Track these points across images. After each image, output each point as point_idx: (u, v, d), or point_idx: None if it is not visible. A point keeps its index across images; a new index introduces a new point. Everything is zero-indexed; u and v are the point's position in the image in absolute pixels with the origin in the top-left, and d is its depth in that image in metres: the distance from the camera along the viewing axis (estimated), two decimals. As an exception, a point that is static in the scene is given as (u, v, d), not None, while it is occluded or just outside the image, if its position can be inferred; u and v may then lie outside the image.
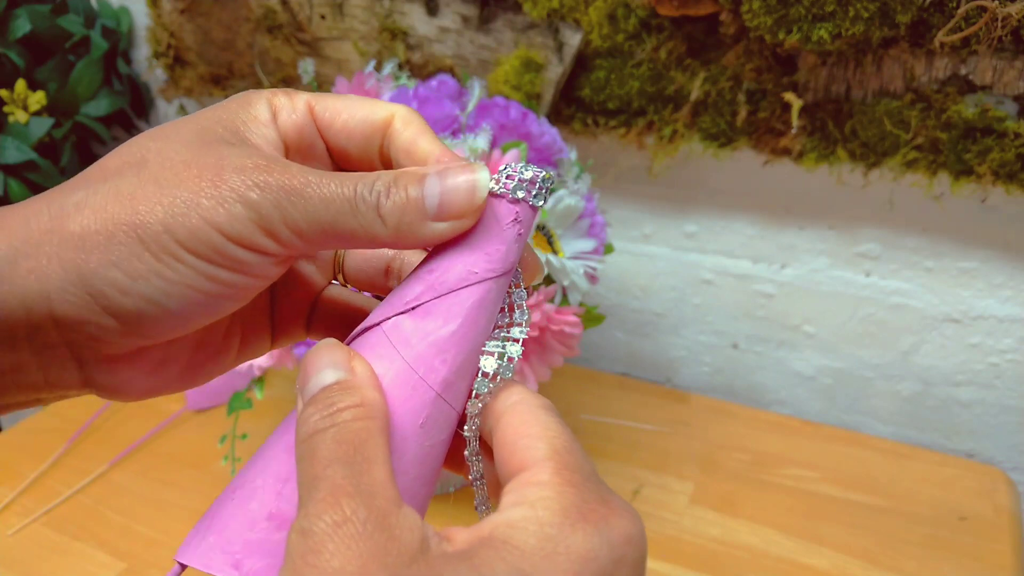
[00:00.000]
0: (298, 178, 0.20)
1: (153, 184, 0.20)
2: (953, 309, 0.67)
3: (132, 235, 0.19)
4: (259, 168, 0.20)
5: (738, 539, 0.58)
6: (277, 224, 0.20)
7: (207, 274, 0.20)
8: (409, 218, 0.21)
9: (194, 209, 0.19)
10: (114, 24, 0.92)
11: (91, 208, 0.19)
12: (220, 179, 0.20)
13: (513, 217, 0.22)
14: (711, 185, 0.71)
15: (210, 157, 0.20)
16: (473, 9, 0.69)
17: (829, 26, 0.56)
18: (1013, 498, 0.62)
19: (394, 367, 0.21)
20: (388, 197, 0.21)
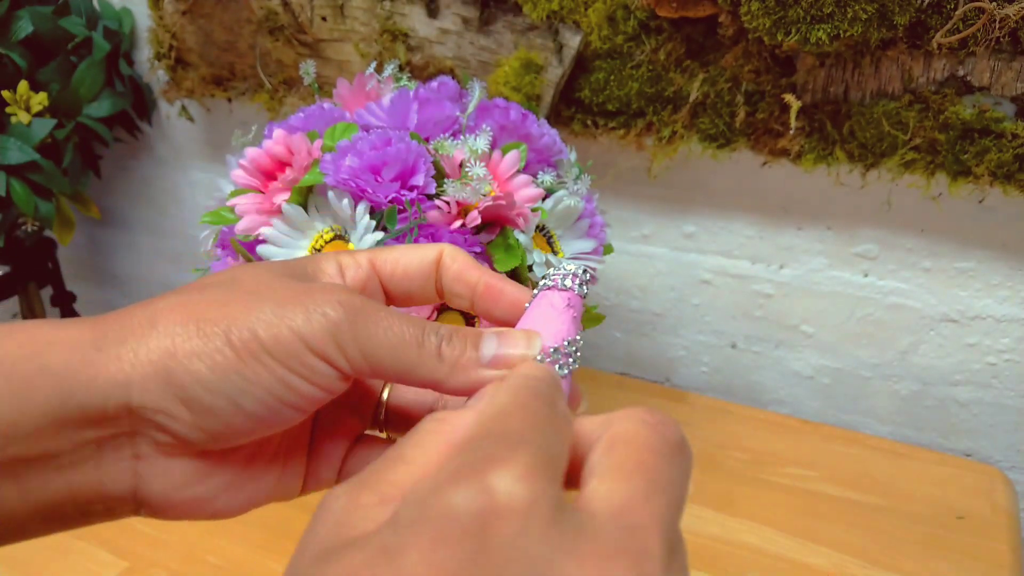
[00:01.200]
0: (374, 306, 0.23)
1: (245, 295, 0.22)
2: (951, 309, 0.67)
3: (220, 333, 0.21)
4: (342, 291, 0.23)
5: (737, 538, 0.58)
6: (350, 341, 0.22)
7: (281, 378, 0.22)
8: (464, 363, 0.23)
9: (281, 318, 0.22)
10: (116, 25, 0.92)
11: (184, 308, 0.22)
12: (308, 296, 0.22)
13: (567, 302, 0.26)
14: (710, 186, 0.72)
15: (299, 283, 0.23)
16: (473, 11, 0.69)
17: (827, 27, 0.56)
18: (1011, 497, 0.62)
19: None
20: (449, 342, 0.23)
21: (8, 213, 0.88)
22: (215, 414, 0.21)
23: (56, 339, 0.21)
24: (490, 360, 0.23)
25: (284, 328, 0.21)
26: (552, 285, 0.26)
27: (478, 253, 0.50)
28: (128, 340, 0.21)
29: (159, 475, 0.23)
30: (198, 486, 0.23)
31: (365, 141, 0.49)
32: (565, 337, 0.25)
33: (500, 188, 0.53)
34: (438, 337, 0.23)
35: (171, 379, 0.21)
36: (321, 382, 0.22)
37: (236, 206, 0.52)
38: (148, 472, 0.22)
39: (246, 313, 0.22)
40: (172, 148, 1.03)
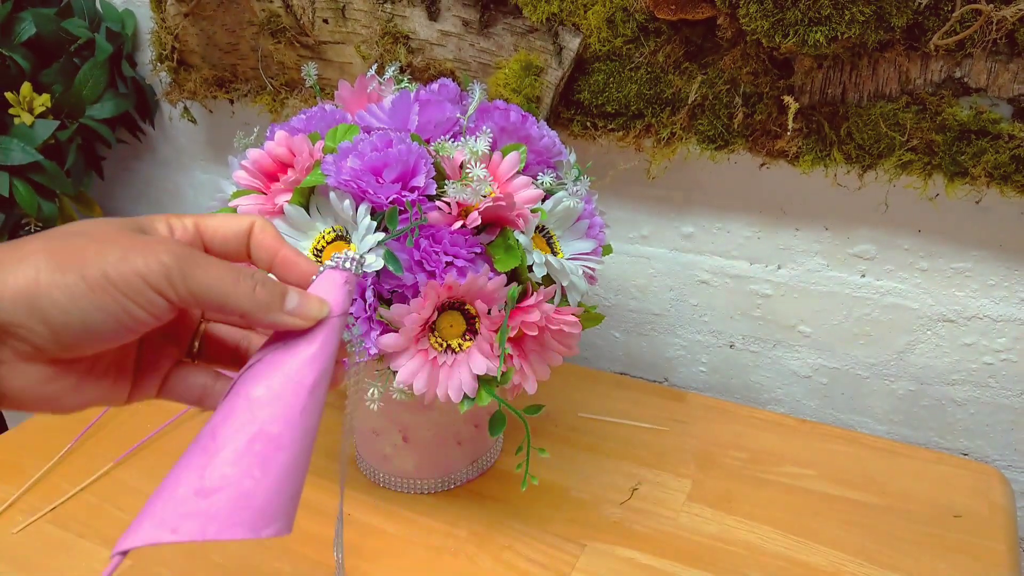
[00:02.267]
0: (202, 255, 0.30)
1: (98, 242, 0.28)
2: (948, 309, 0.67)
3: (77, 270, 0.27)
4: (175, 242, 0.30)
5: (735, 536, 0.59)
6: (179, 280, 0.28)
7: (124, 306, 0.28)
8: (271, 304, 0.30)
9: (126, 261, 0.28)
10: (118, 27, 0.93)
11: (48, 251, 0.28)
12: (147, 245, 0.29)
13: (344, 280, 0.33)
14: (708, 187, 0.72)
15: (140, 234, 0.30)
16: (474, 13, 0.70)
17: (825, 29, 0.56)
18: (1007, 496, 0.63)
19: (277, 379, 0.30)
20: (262, 287, 0.30)
21: (11, 214, 0.88)
22: (68, 331, 0.27)
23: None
24: (290, 310, 0.31)
25: (128, 268, 0.28)
26: (335, 265, 0.33)
27: (478, 253, 0.50)
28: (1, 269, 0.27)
29: (17, 376, 0.28)
30: (48, 386, 0.29)
31: (366, 143, 0.50)
32: (342, 308, 0.32)
33: (500, 189, 0.53)
34: (253, 280, 0.30)
35: (34, 302, 0.27)
36: (154, 311, 0.28)
37: (238, 207, 0.52)
38: (8, 373, 0.28)
39: (98, 257, 0.28)
40: (174, 149, 1.04)
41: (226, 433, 0.29)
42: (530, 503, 0.62)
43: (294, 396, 0.30)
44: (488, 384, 0.50)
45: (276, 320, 0.30)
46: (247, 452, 0.28)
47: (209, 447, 0.29)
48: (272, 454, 0.29)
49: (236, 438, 0.29)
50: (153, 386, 0.34)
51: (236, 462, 0.28)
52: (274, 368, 0.30)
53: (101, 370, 0.32)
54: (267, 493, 0.28)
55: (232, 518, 0.28)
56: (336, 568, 0.29)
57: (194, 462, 0.29)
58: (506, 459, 0.67)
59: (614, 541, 0.58)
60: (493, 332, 0.50)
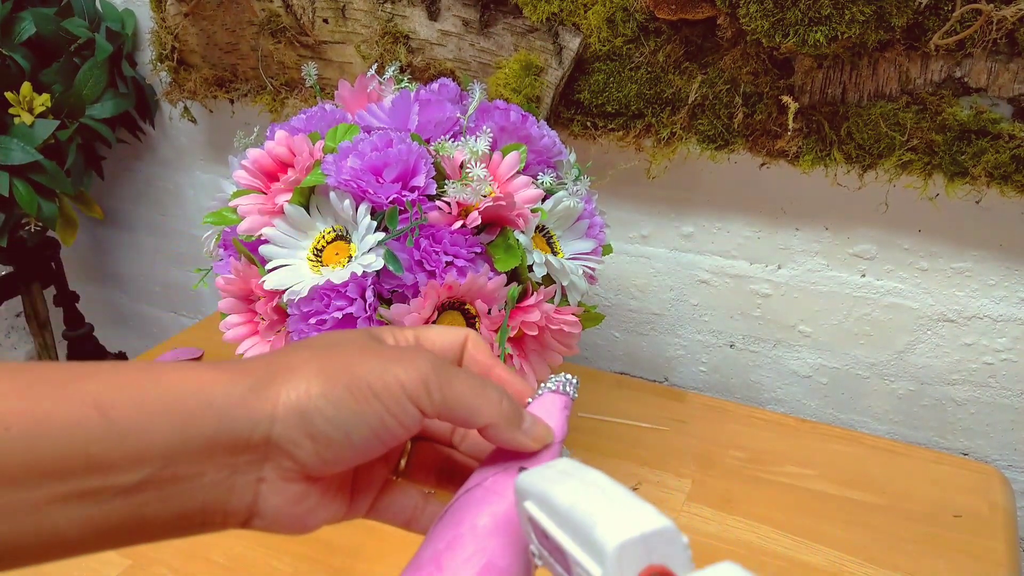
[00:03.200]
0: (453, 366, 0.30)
1: (360, 354, 0.29)
2: (948, 309, 0.67)
3: (343, 382, 0.28)
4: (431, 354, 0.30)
5: (735, 536, 0.59)
6: (436, 390, 0.28)
7: (382, 418, 0.28)
8: (514, 416, 0.30)
9: (389, 372, 0.28)
10: (118, 27, 0.93)
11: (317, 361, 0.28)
12: (406, 355, 0.29)
13: (564, 405, 0.33)
14: (708, 187, 0.72)
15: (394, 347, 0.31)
16: (474, 13, 0.70)
17: (825, 29, 0.56)
18: (1007, 496, 0.63)
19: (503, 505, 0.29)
20: (508, 401, 0.30)
21: (11, 213, 0.88)
22: (331, 445, 0.28)
23: (217, 380, 0.27)
24: (524, 429, 0.31)
25: (391, 379, 0.28)
26: (555, 389, 0.33)
27: (478, 253, 0.50)
28: (274, 385, 0.27)
29: (275, 495, 0.28)
30: (297, 506, 0.29)
31: (366, 142, 0.50)
32: (563, 434, 0.32)
33: (500, 189, 0.53)
34: (499, 393, 0.30)
35: (304, 416, 0.27)
36: (408, 422, 0.28)
37: (238, 206, 0.52)
38: (268, 492, 0.28)
39: (363, 367, 0.28)
40: (174, 149, 1.04)
41: (454, 565, 0.28)
42: (530, 503, 0.62)
43: (518, 525, 0.29)
44: (488, 384, 0.50)
45: (514, 438, 0.30)
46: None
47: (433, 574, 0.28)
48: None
49: (464, 570, 0.28)
50: (365, 505, 0.34)
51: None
52: (497, 496, 0.30)
53: (335, 489, 0.31)
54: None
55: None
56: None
57: None
58: (506, 459, 0.67)
59: (614, 541, 0.58)
60: (493, 332, 0.50)
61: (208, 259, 0.59)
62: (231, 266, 0.52)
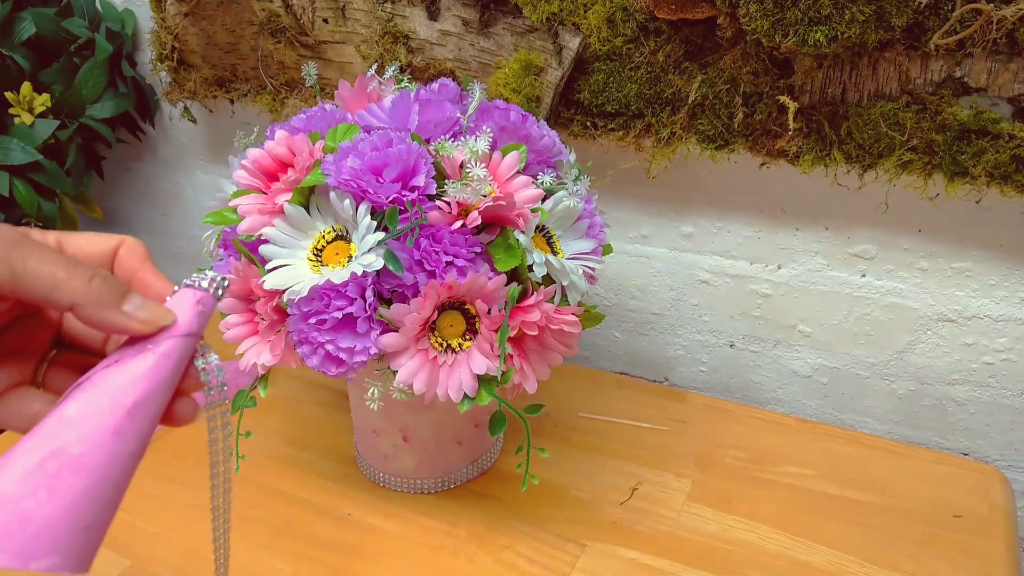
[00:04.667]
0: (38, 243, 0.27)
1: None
2: (948, 309, 0.67)
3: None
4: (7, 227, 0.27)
5: (735, 536, 0.59)
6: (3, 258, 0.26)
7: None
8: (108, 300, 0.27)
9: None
10: (118, 27, 0.93)
11: None
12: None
13: (197, 299, 0.30)
14: (708, 187, 0.72)
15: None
16: (474, 13, 0.70)
17: (825, 29, 0.56)
18: (1007, 496, 0.63)
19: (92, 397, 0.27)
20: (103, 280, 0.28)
21: (11, 213, 0.88)
22: None
23: None
24: (128, 310, 0.28)
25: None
26: (191, 283, 0.31)
27: (478, 253, 0.50)
28: None
29: None
30: None
31: (366, 142, 0.50)
32: (189, 329, 0.30)
33: (500, 189, 0.53)
34: (92, 271, 0.27)
35: None
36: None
37: (238, 206, 0.52)
38: None
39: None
40: (174, 149, 1.04)
41: (22, 448, 0.26)
42: (530, 503, 0.62)
43: (109, 415, 0.27)
44: (488, 384, 0.50)
45: (110, 318, 0.28)
46: (37, 471, 0.25)
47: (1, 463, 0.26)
48: (67, 477, 0.25)
49: (30, 455, 0.25)
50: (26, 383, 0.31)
51: (21, 480, 0.25)
52: (96, 385, 0.27)
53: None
54: (48, 519, 0.25)
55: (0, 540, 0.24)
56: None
57: None
58: (506, 459, 0.67)
59: (614, 541, 0.58)
60: (493, 332, 0.50)
61: (208, 259, 0.59)
62: (231, 266, 0.52)
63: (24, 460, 0.25)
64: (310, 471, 0.66)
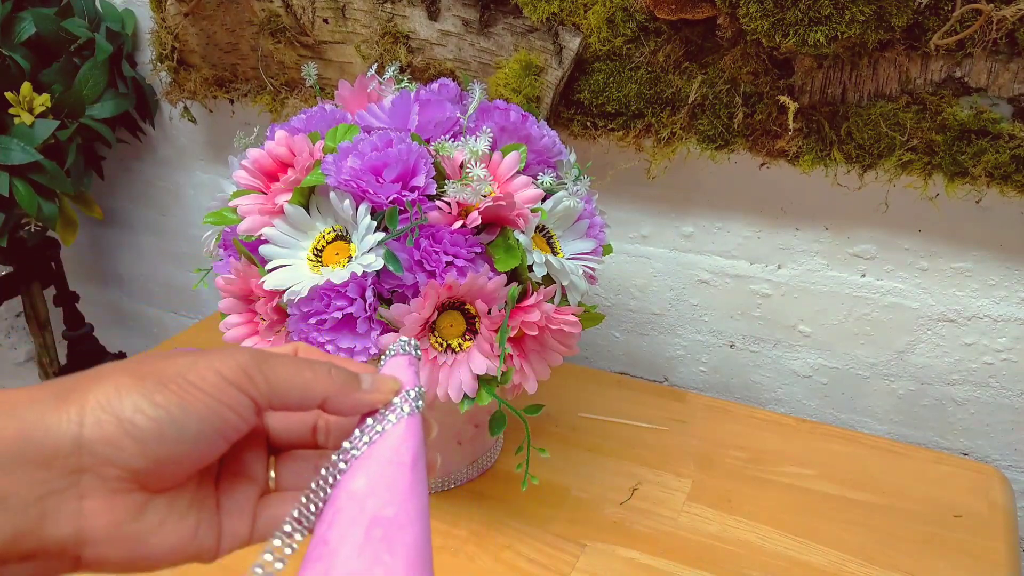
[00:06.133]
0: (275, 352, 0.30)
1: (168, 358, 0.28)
2: (948, 309, 0.67)
3: (154, 379, 0.26)
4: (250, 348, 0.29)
5: (735, 536, 0.59)
6: (257, 373, 0.28)
7: (209, 405, 0.26)
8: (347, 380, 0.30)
9: (203, 363, 0.27)
10: (118, 27, 0.93)
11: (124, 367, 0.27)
12: (220, 350, 0.28)
13: (409, 362, 0.33)
14: (708, 187, 0.72)
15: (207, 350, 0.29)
16: (474, 13, 0.70)
17: (825, 29, 0.56)
18: (1007, 496, 0.63)
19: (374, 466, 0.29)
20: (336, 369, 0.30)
21: (11, 213, 0.88)
22: (158, 440, 0.25)
23: (20, 394, 0.25)
24: (367, 388, 0.30)
25: (204, 367, 0.27)
26: (396, 353, 0.34)
27: (478, 253, 0.50)
28: (79, 389, 0.25)
29: (105, 510, 0.25)
30: (137, 522, 0.26)
31: (366, 142, 0.50)
32: (415, 385, 0.32)
33: (500, 189, 0.53)
34: (326, 366, 0.30)
35: (117, 414, 0.25)
36: (240, 410, 0.27)
37: (238, 206, 0.52)
38: (93, 509, 0.25)
39: (174, 365, 0.27)
40: (174, 149, 1.04)
41: (337, 534, 0.26)
42: (530, 503, 0.62)
43: (398, 477, 0.28)
44: (488, 384, 0.50)
45: (357, 400, 0.30)
46: (367, 542, 0.26)
47: (323, 553, 0.26)
48: (394, 535, 0.27)
49: (351, 533, 0.26)
50: (243, 527, 0.31)
51: (360, 555, 0.26)
52: (366, 459, 0.29)
53: (184, 504, 0.29)
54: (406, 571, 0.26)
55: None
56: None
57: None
58: (506, 459, 0.67)
59: (614, 541, 0.58)
60: (493, 332, 0.50)
61: (208, 259, 0.59)
62: (231, 266, 0.52)
63: (349, 541, 0.26)
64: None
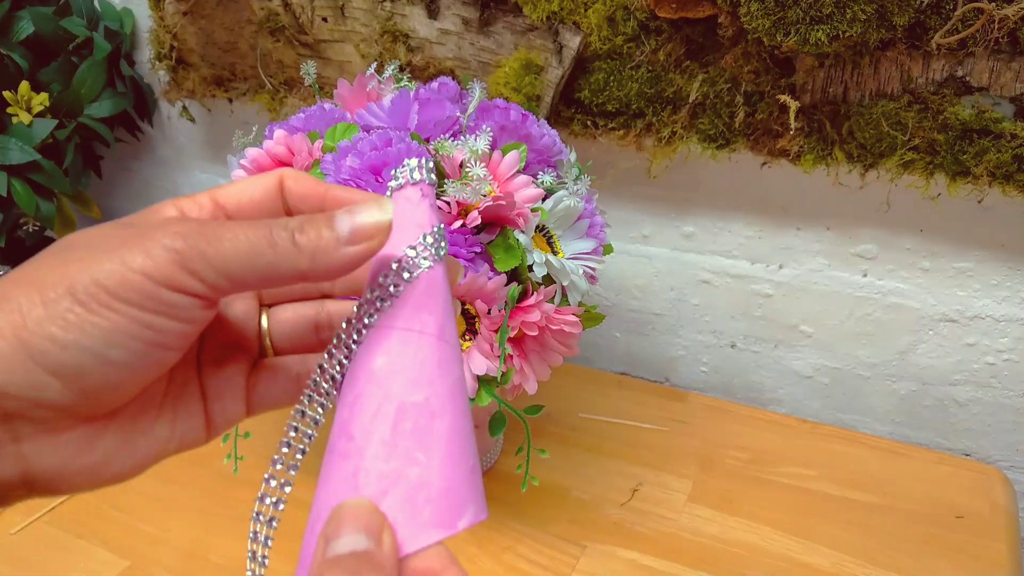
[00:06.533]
0: (215, 224, 0.22)
1: (80, 252, 0.21)
2: (950, 309, 0.67)
3: (64, 292, 0.21)
4: (175, 221, 0.22)
5: (736, 537, 0.58)
6: (200, 263, 0.21)
7: (139, 320, 0.21)
8: (324, 245, 0.22)
9: (121, 261, 0.21)
10: (117, 26, 0.92)
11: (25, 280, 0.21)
12: (144, 237, 0.21)
13: (421, 193, 0.26)
14: (709, 186, 0.72)
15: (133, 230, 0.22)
16: (473, 12, 0.70)
17: (826, 28, 0.56)
18: (1009, 496, 0.63)
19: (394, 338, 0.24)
20: (302, 232, 0.22)
21: (9, 213, 0.88)
22: (85, 374, 0.21)
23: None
24: (348, 235, 0.23)
25: (127, 271, 0.21)
26: (403, 183, 0.26)
27: (478, 253, 0.50)
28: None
29: (47, 453, 0.22)
30: (88, 455, 0.23)
31: (366, 141, 0.49)
32: (432, 225, 0.25)
33: (500, 188, 0.53)
34: (288, 230, 0.22)
35: (30, 351, 0.20)
36: (184, 314, 0.22)
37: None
38: (34, 452, 0.22)
39: (85, 268, 0.21)
40: (173, 148, 1.04)
41: (361, 426, 0.23)
42: (530, 504, 0.61)
43: (425, 350, 0.24)
44: (488, 384, 0.50)
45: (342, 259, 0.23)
46: (396, 437, 0.22)
47: (350, 450, 0.23)
48: (426, 426, 0.23)
49: (376, 427, 0.23)
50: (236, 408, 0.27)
51: (390, 453, 0.22)
52: (385, 329, 0.24)
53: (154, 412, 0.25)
54: (442, 475, 0.22)
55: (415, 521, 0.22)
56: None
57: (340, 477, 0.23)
58: (506, 459, 0.67)
59: (615, 542, 0.58)
60: (493, 332, 0.50)
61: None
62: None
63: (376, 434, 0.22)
64: (310, 472, 0.66)
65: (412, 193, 0.26)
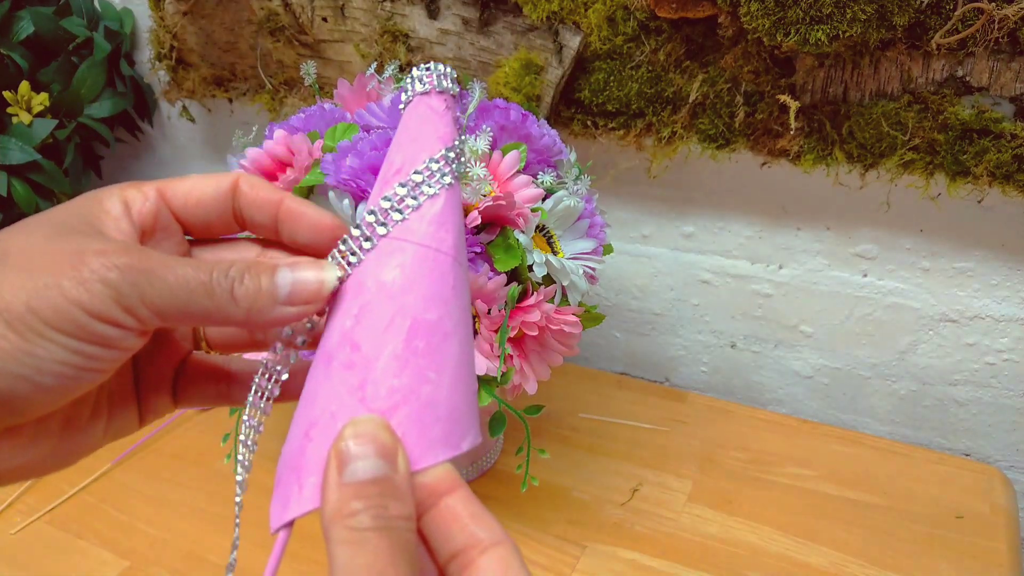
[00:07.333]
0: (155, 260, 0.22)
1: (15, 271, 0.21)
2: (950, 309, 0.67)
3: None
4: (117, 252, 0.21)
5: (736, 537, 0.58)
6: (135, 301, 0.21)
7: (72, 348, 0.21)
8: (261, 303, 0.23)
9: (57, 290, 0.20)
10: (117, 26, 0.92)
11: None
12: (81, 263, 0.21)
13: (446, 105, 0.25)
14: (709, 186, 0.72)
15: (70, 245, 0.22)
16: (473, 12, 0.70)
17: (826, 28, 0.56)
18: (1009, 496, 0.63)
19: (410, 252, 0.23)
20: (241, 283, 0.22)
21: (9, 213, 0.88)
22: (15, 396, 0.21)
23: None
24: (286, 296, 0.23)
25: (63, 301, 0.20)
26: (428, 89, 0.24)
27: (478, 253, 0.50)
28: None
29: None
30: (22, 457, 0.23)
31: (366, 141, 0.49)
32: (453, 139, 0.24)
33: (500, 188, 0.53)
34: (228, 279, 0.22)
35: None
36: (118, 344, 0.22)
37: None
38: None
39: (21, 289, 0.20)
40: (173, 148, 1.04)
41: (370, 337, 0.22)
42: (530, 504, 0.61)
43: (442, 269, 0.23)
44: (488, 384, 0.50)
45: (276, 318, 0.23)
46: (409, 354, 0.22)
47: (354, 361, 0.22)
48: (438, 346, 0.22)
49: (388, 339, 0.22)
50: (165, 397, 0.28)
51: (402, 369, 0.21)
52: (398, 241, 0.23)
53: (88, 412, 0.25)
54: (450, 395, 0.22)
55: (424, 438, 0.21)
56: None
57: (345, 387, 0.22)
58: (506, 460, 0.67)
59: (615, 542, 0.58)
60: (493, 332, 0.50)
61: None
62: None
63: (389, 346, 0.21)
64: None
65: (437, 102, 0.24)
